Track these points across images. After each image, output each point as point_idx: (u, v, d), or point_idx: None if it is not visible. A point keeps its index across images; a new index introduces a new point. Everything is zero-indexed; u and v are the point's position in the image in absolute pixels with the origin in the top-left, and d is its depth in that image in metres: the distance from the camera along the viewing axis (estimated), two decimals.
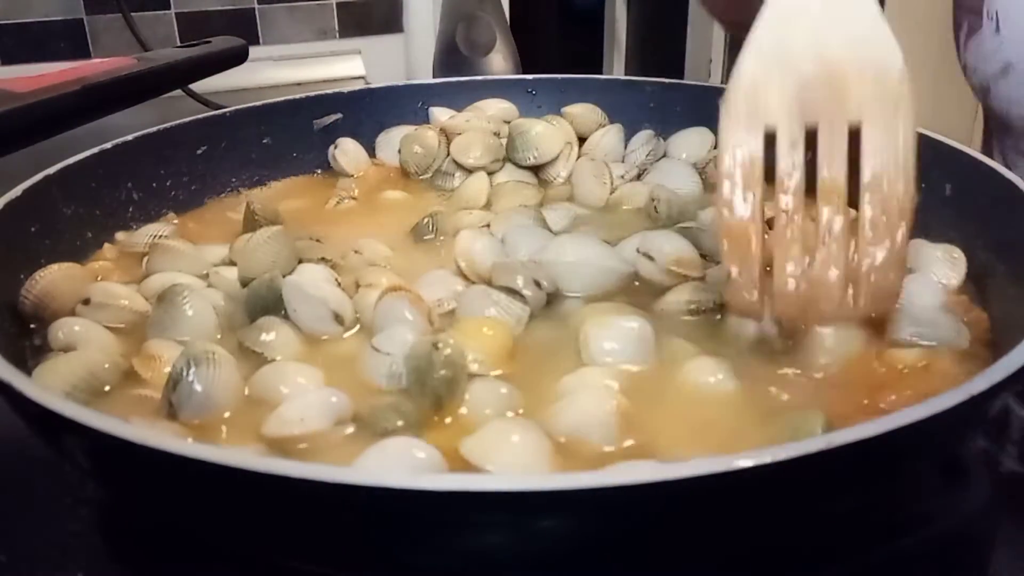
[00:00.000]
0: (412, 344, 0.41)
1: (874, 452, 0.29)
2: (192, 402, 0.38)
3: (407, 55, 1.29)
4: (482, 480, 0.28)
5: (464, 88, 0.74)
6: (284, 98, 0.69)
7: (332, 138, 0.70)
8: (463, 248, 0.50)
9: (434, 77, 0.96)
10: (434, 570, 0.32)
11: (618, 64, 2.09)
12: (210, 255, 0.53)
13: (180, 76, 0.74)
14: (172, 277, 0.49)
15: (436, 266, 0.51)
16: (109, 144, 0.57)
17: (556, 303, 0.48)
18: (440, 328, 0.44)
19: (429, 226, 0.58)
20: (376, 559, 0.31)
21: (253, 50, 0.81)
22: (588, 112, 0.70)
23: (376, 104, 0.72)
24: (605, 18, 2.12)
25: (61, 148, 0.55)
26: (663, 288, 0.48)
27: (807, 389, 0.41)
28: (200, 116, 0.65)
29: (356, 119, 0.71)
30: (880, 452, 0.29)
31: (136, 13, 1.11)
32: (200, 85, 0.95)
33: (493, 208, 0.62)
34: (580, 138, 0.69)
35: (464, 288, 0.48)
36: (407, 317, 0.44)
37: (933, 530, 0.39)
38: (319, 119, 0.70)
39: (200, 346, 0.40)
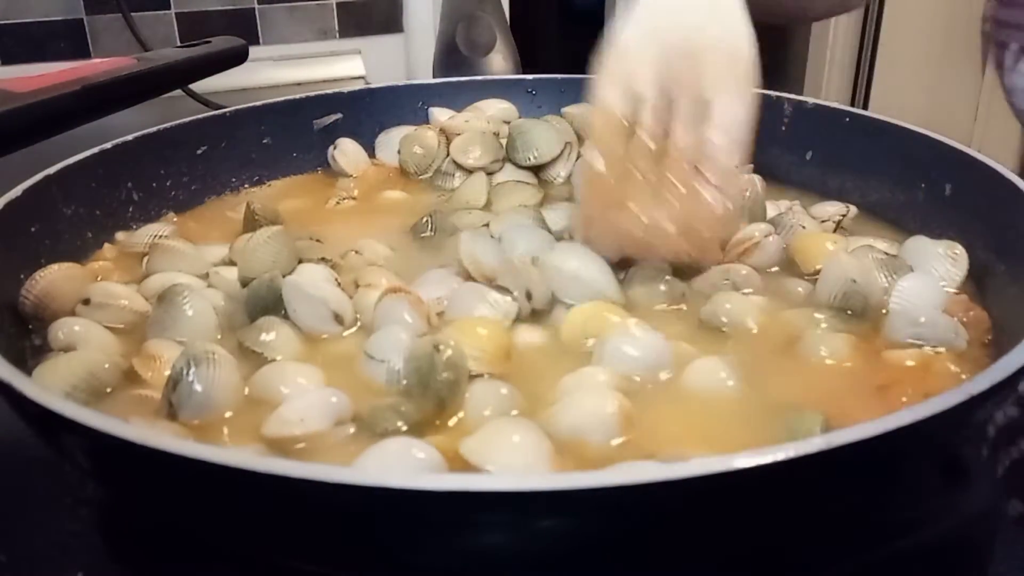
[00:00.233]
0: (412, 346, 0.41)
1: (873, 452, 0.29)
2: (192, 402, 0.38)
3: (407, 55, 1.29)
4: (482, 480, 0.28)
5: (464, 88, 0.74)
6: (284, 98, 0.69)
7: (332, 138, 0.70)
8: (467, 249, 0.50)
9: (434, 77, 0.96)
10: (434, 570, 0.32)
11: None
12: (210, 255, 0.53)
13: (180, 76, 0.74)
14: (172, 277, 0.49)
15: (435, 265, 0.51)
16: (109, 144, 0.57)
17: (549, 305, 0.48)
18: (437, 328, 0.44)
19: (428, 225, 0.58)
20: (376, 559, 0.31)
21: (253, 50, 0.81)
22: (588, 112, 0.70)
23: (376, 104, 0.72)
24: (605, 18, 2.12)
25: (61, 148, 0.55)
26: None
27: (807, 389, 0.41)
28: (200, 116, 0.65)
29: (356, 119, 0.71)
30: (879, 452, 0.29)
31: (136, 13, 1.11)
32: (200, 85, 0.95)
33: (493, 208, 0.62)
34: (580, 138, 0.69)
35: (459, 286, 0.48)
36: (404, 319, 0.44)
37: (933, 530, 0.39)
38: (319, 119, 0.70)
39: (200, 346, 0.40)
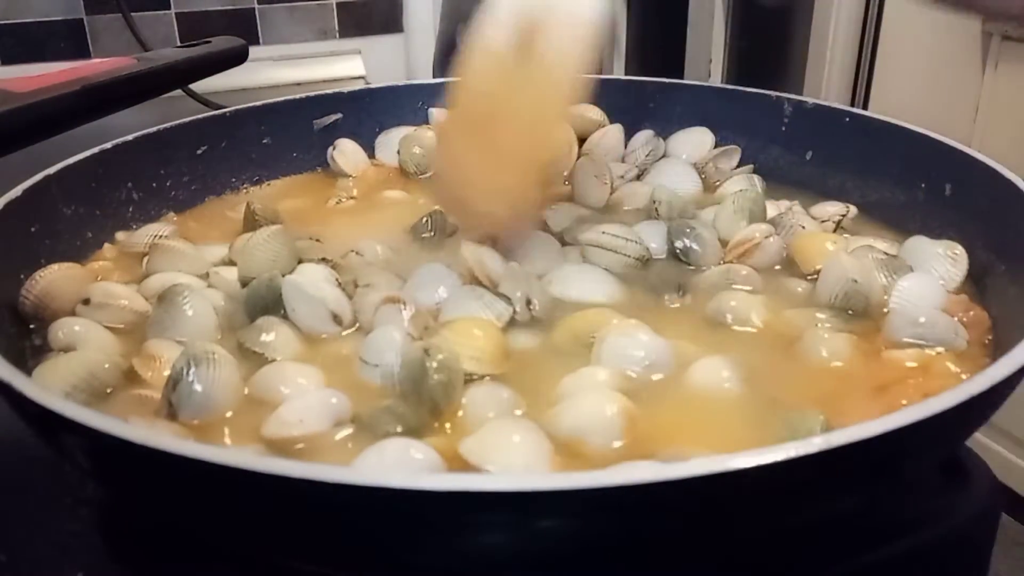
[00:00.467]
0: (404, 351, 0.41)
1: (873, 452, 0.29)
2: (192, 402, 0.38)
3: (407, 55, 1.29)
4: (482, 480, 0.28)
5: None
6: (284, 98, 0.69)
7: (332, 138, 0.70)
8: (473, 252, 0.50)
9: (434, 77, 0.96)
10: (434, 570, 0.32)
11: (618, 64, 2.09)
12: (210, 255, 0.53)
13: (180, 76, 0.74)
14: (172, 277, 0.49)
15: (434, 264, 0.51)
16: (109, 144, 0.57)
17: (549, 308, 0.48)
18: (433, 330, 0.44)
19: (428, 225, 0.58)
20: (376, 559, 0.31)
21: (253, 50, 0.81)
22: (588, 112, 0.70)
23: (376, 104, 0.72)
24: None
25: (61, 148, 0.55)
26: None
27: (807, 389, 0.41)
28: (200, 116, 0.65)
29: (356, 119, 0.71)
30: (879, 452, 0.29)
31: (136, 13, 1.11)
32: (200, 85, 0.95)
33: None
34: (580, 138, 0.69)
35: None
36: (397, 325, 0.44)
37: (933, 530, 0.39)
38: (319, 119, 0.70)
39: (200, 346, 0.40)
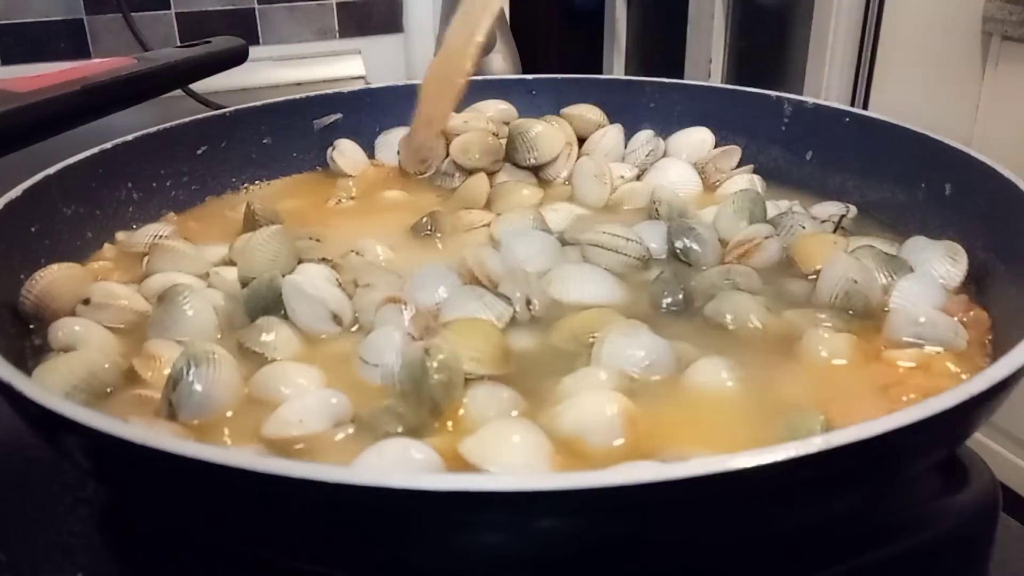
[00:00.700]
0: (405, 351, 0.41)
1: (873, 452, 0.29)
2: (192, 402, 0.38)
3: (407, 55, 1.29)
4: (482, 480, 0.28)
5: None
6: (284, 98, 0.69)
7: (332, 138, 0.70)
8: (474, 253, 0.50)
9: None
10: (434, 571, 0.32)
11: (618, 64, 2.09)
12: (210, 255, 0.53)
13: (180, 76, 0.74)
14: (172, 277, 0.49)
15: (434, 264, 0.51)
16: (109, 144, 0.57)
17: (549, 308, 0.48)
18: (433, 330, 0.44)
19: (428, 225, 0.58)
20: (376, 559, 0.31)
21: (253, 50, 0.82)
22: (588, 112, 0.70)
23: (376, 104, 0.72)
24: (605, 18, 2.12)
25: (61, 148, 0.55)
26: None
27: (807, 389, 0.41)
28: (200, 116, 0.65)
29: (356, 119, 0.71)
30: (879, 452, 0.29)
31: (136, 13, 1.11)
32: (200, 85, 0.95)
33: (493, 208, 0.62)
34: (580, 138, 0.69)
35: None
36: (397, 324, 0.44)
37: (933, 530, 0.39)
38: (319, 119, 0.70)
39: (200, 346, 0.40)
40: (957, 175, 0.53)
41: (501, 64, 0.94)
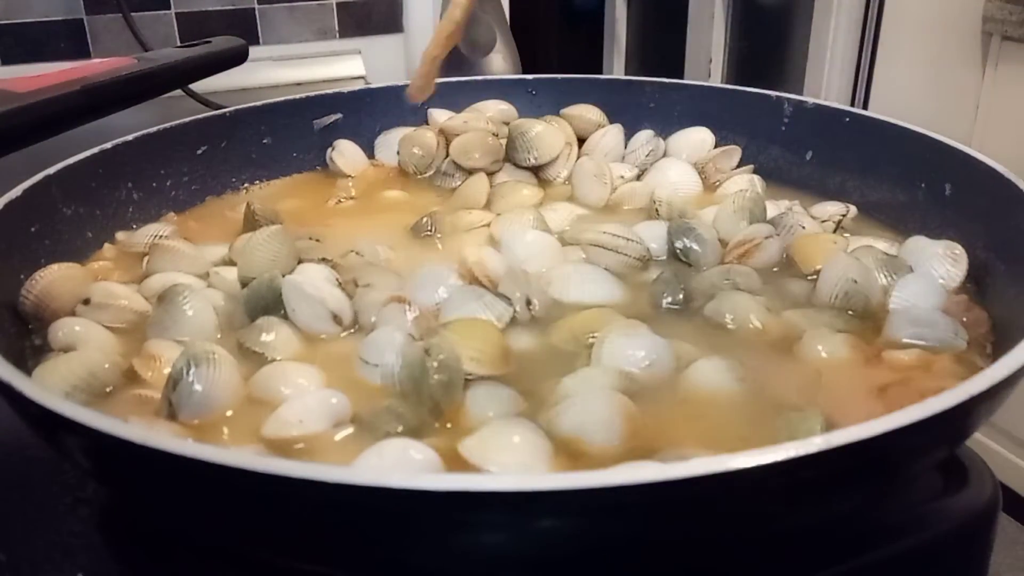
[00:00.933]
0: (405, 351, 0.41)
1: (873, 452, 0.29)
2: (192, 402, 0.38)
3: (407, 55, 1.29)
4: (482, 480, 0.28)
5: (464, 88, 0.74)
6: (284, 98, 0.69)
7: (332, 138, 0.70)
8: (476, 258, 0.50)
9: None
10: (434, 571, 0.32)
11: (618, 64, 2.09)
12: (210, 255, 0.53)
13: (180, 76, 0.74)
14: (172, 277, 0.49)
15: (432, 262, 0.51)
16: (109, 144, 0.57)
17: (549, 308, 0.48)
18: (433, 330, 0.44)
19: (428, 225, 0.58)
20: (376, 559, 0.31)
21: (253, 50, 0.82)
22: (588, 112, 0.70)
23: (376, 104, 0.72)
24: (605, 18, 2.12)
25: (61, 148, 0.55)
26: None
27: (807, 389, 0.41)
28: (200, 116, 0.65)
29: (356, 119, 0.71)
30: (879, 452, 0.29)
31: (136, 13, 1.11)
32: (200, 85, 0.95)
33: (493, 208, 0.62)
34: (580, 138, 0.69)
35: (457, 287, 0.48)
36: (398, 324, 0.44)
37: (933, 530, 0.39)
38: (319, 119, 0.70)
39: (200, 346, 0.40)
40: (957, 175, 0.53)
41: (501, 64, 0.94)
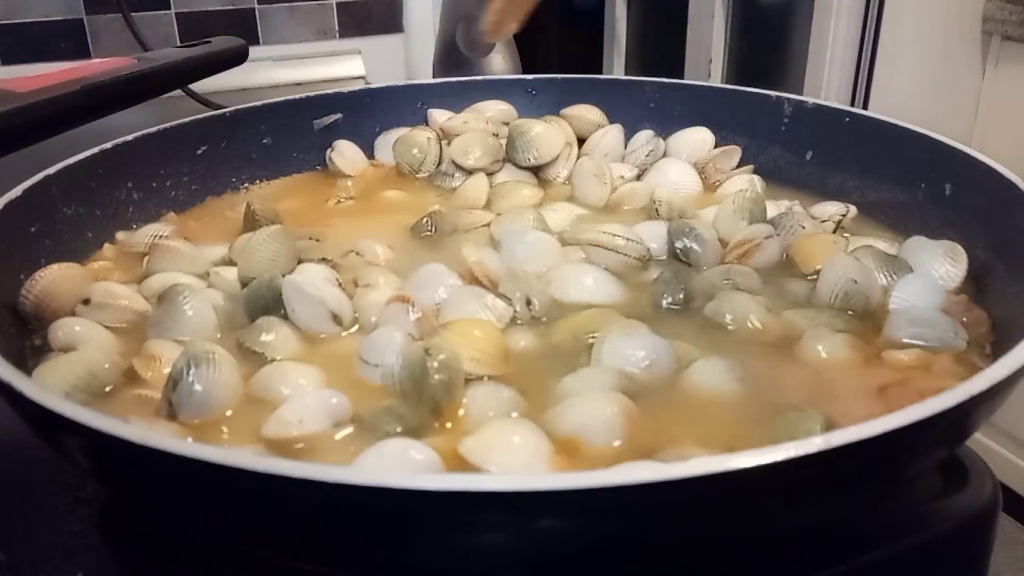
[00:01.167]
0: (405, 351, 0.41)
1: (873, 452, 0.29)
2: (192, 402, 0.38)
3: (407, 55, 1.29)
4: (482, 480, 0.28)
5: (464, 88, 0.74)
6: (284, 98, 0.69)
7: (332, 138, 0.70)
8: (476, 258, 0.50)
9: (434, 77, 0.96)
10: (434, 571, 0.32)
11: (618, 64, 2.09)
12: (210, 255, 0.53)
13: (180, 76, 0.74)
14: (172, 277, 0.49)
15: (431, 262, 0.51)
16: (109, 144, 0.57)
17: (549, 308, 0.48)
18: (434, 330, 0.44)
19: (428, 225, 0.58)
20: (376, 559, 0.31)
21: (253, 50, 0.81)
22: (588, 112, 0.70)
23: (376, 104, 0.72)
24: (605, 18, 2.12)
25: (61, 148, 0.55)
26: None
27: (807, 389, 0.41)
28: (200, 116, 0.65)
29: (356, 119, 0.71)
30: (879, 452, 0.29)
31: (136, 13, 1.11)
32: (200, 85, 0.95)
33: (493, 208, 0.62)
34: (580, 139, 0.69)
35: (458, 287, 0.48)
36: (398, 324, 0.44)
37: (933, 530, 0.39)
38: (319, 119, 0.70)
39: (200, 346, 0.40)
40: (957, 175, 0.53)
41: (501, 64, 0.94)
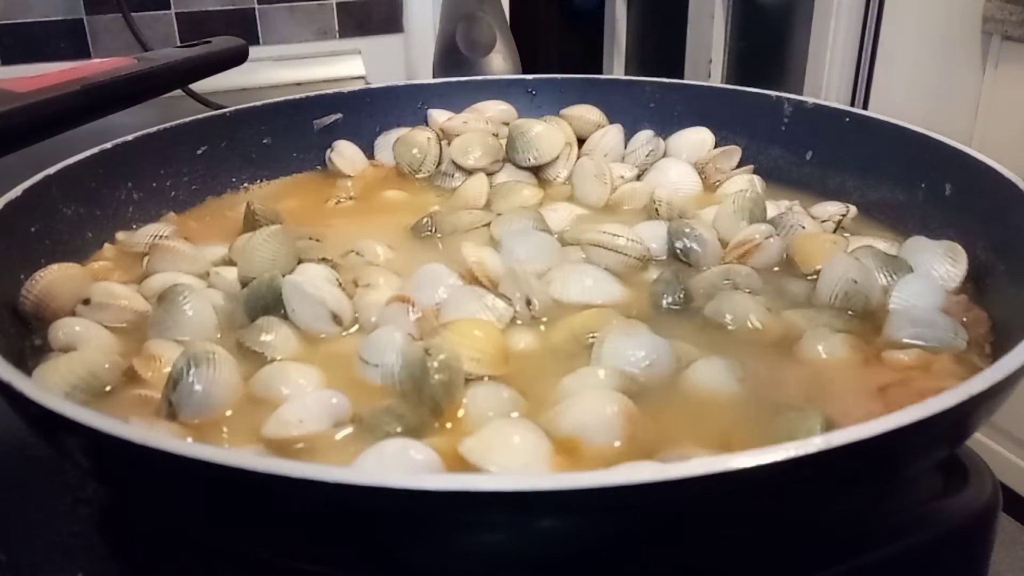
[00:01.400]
0: (405, 351, 0.41)
1: (873, 452, 0.29)
2: (192, 402, 0.38)
3: (407, 55, 1.29)
4: (482, 480, 0.28)
5: (464, 88, 0.74)
6: (284, 98, 0.69)
7: (332, 138, 0.70)
8: (474, 252, 0.50)
9: (434, 77, 0.96)
10: (434, 570, 0.32)
11: (618, 64, 2.09)
12: (210, 255, 0.53)
13: (180, 76, 0.74)
14: (172, 277, 0.49)
15: (431, 261, 0.51)
16: (109, 144, 0.57)
17: (549, 308, 0.48)
18: (434, 330, 0.44)
19: (428, 225, 0.58)
20: (376, 559, 0.31)
21: (253, 50, 0.82)
22: (587, 113, 0.70)
23: (376, 104, 0.72)
24: (605, 18, 2.13)
25: (61, 148, 0.55)
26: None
27: (807, 389, 0.41)
28: (200, 116, 0.65)
29: (356, 119, 0.71)
30: (879, 452, 0.29)
31: (136, 13, 1.11)
32: (200, 85, 0.95)
33: (493, 208, 0.62)
34: (580, 139, 0.69)
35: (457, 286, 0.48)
36: (398, 324, 0.44)
37: (933, 530, 0.39)
38: (319, 119, 0.70)
39: (200, 346, 0.40)
40: (957, 175, 0.53)
41: (501, 64, 0.94)
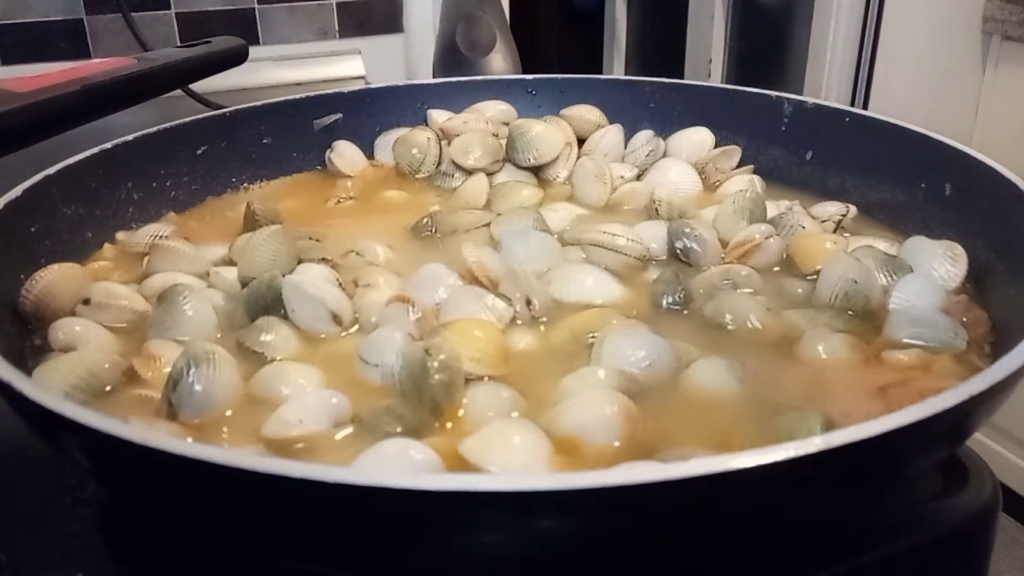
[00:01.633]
0: (405, 351, 0.41)
1: (874, 452, 0.29)
2: (192, 402, 0.38)
3: (407, 55, 1.29)
4: (482, 480, 0.28)
5: (464, 88, 0.74)
6: (284, 98, 0.69)
7: (332, 138, 0.70)
8: (474, 252, 0.50)
9: (434, 77, 0.96)
10: (434, 570, 0.32)
11: (618, 64, 2.09)
12: (210, 255, 0.53)
13: (180, 76, 0.74)
14: (172, 277, 0.49)
15: (431, 262, 0.51)
16: (109, 144, 0.57)
17: (549, 308, 0.48)
18: (434, 330, 0.44)
19: (428, 225, 0.58)
20: (376, 559, 0.31)
21: (253, 50, 0.82)
22: (587, 113, 0.70)
23: (376, 104, 0.72)
24: (605, 18, 2.13)
25: (61, 148, 0.55)
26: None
27: (807, 389, 0.41)
28: (200, 116, 0.65)
29: (356, 119, 0.71)
30: (880, 452, 0.29)
31: (136, 13, 1.12)
32: (200, 85, 0.95)
33: (493, 208, 0.62)
34: (580, 139, 0.69)
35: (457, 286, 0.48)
36: (398, 324, 0.44)
37: (933, 530, 0.39)
38: (319, 119, 0.70)
39: (200, 346, 0.40)
40: (957, 175, 0.53)
41: (501, 64, 0.94)
